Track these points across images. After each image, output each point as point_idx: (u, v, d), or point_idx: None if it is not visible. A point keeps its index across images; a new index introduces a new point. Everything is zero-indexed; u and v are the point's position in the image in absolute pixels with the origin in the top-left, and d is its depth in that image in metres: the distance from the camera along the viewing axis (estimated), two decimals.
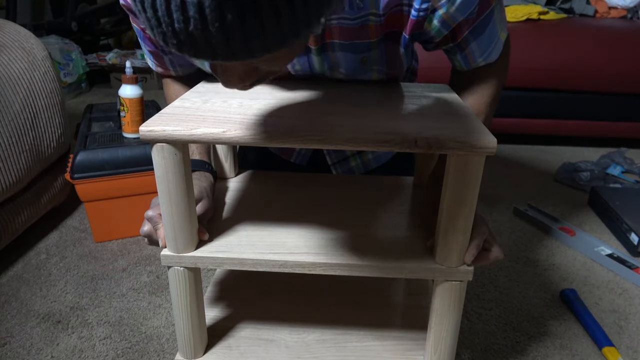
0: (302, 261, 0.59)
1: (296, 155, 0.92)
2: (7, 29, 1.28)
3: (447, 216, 0.56)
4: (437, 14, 0.63)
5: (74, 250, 1.31)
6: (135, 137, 1.33)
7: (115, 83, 2.89)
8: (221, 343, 0.71)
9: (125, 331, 1.02)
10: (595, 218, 1.55)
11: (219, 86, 0.72)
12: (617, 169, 1.83)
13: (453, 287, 0.59)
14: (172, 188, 0.55)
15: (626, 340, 1.03)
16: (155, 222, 0.61)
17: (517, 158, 2.03)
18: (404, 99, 0.67)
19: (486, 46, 0.69)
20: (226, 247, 0.62)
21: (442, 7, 0.62)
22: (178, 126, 0.52)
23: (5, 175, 1.13)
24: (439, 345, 0.63)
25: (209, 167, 0.73)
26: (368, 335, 0.73)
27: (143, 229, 0.63)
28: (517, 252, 1.34)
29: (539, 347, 1.00)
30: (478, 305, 1.12)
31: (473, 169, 0.52)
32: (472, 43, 0.68)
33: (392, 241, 0.64)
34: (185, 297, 0.62)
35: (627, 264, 1.26)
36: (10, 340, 0.99)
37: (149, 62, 0.80)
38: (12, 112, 1.16)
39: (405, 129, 0.53)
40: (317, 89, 0.71)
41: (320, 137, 0.52)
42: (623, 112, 2.03)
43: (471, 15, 0.64)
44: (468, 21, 0.65)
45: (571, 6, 2.33)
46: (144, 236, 0.63)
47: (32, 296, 1.12)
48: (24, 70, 1.22)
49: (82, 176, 1.25)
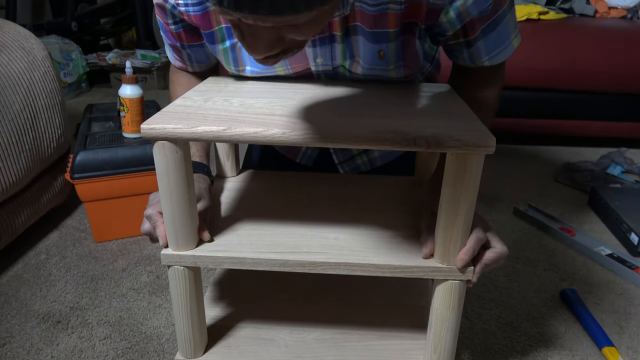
0: (302, 260, 0.59)
1: (302, 155, 0.92)
2: (7, 29, 1.28)
3: (447, 215, 0.56)
4: (455, 5, 0.63)
5: (74, 250, 1.31)
6: (135, 137, 1.33)
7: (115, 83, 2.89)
8: (221, 343, 0.71)
9: (125, 331, 1.02)
10: (595, 218, 1.55)
11: (220, 85, 0.72)
12: (617, 169, 1.83)
13: (453, 286, 0.59)
14: (173, 186, 0.55)
15: (626, 340, 1.03)
16: (154, 220, 0.61)
17: (517, 158, 2.03)
18: (404, 97, 0.67)
19: (494, 46, 0.69)
20: (226, 246, 0.62)
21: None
22: (179, 124, 0.52)
23: (5, 175, 1.13)
24: (439, 345, 0.63)
25: (207, 170, 0.74)
26: (368, 335, 0.73)
27: (143, 227, 0.63)
28: (517, 252, 1.34)
29: (539, 347, 1.00)
30: (478, 305, 1.12)
31: (472, 168, 0.52)
32: (480, 41, 0.68)
33: (392, 241, 0.64)
34: (185, 296, 0.62)
35: (627, 264, 1.26)
36: (10, 340, 0.99)
37: (168, 54, 0.82)
38: (12, 112, 1.16)
39: (405, 128, 0.53)
40: (317, 88, 0.71)
41: (319, 136, 0.52)
42: (623, 112, 2.03)
43: (485, 11, 0.64)
44: (482, 18, 0.65)
45: (571, 6, 2.34)
46: (145, 234, 0.64)
47: (32, 296, 1.12)
48: (24, 70, 1.22)
49: (82, 176, 1.25)
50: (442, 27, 0.67)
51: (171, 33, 0.74)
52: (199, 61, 0.80)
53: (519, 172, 1.89)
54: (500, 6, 0.65)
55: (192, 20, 0.70)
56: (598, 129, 2.07)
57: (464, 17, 0.65)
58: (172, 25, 0.73)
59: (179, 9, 0.69)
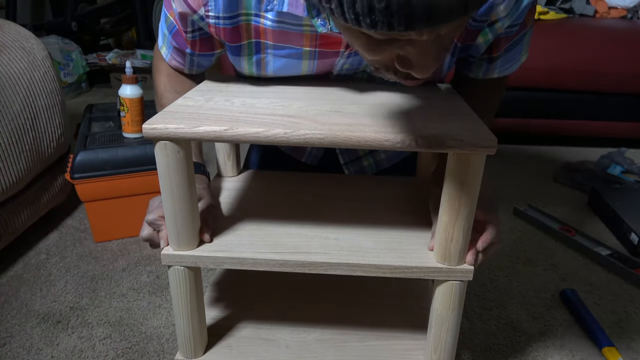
0: (302, 261, 0.59)
1: (307, 155, 0.92)
2: (7, 29, 1.28)
3: (447, 216, 0.56)
4: (493, 27, 0.63)
5: (74, 250, 1.31)
6: (135, 137, 1.33)
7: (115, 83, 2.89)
8: (221, 343, 0.71)
9: (125, 331, 1.02)
10: (595, 218, 1.55)
11: (221, 85, 0.72)
12: (617, 169, 1.83)
13: (453, 287, 0.59)
14: (175, 186, 0.55)
15: (626, 340, 1.03)
16: (159, 224, 0.61)
17: (517, 158, 2.03)
18: (406, 97, 0.67)
19: (508, 62, 0.71)
20: (226, 246, 0.62)
21: (499, 20, 0.62)
22: (181, 124, 0.52)
23: (5, 175, 1.13)
24: (439, 345, 0.63)
25: (204, 169, 0.74)
26: (368, 335, 0.73)
27: (143, 233, 0.63)
28: (517, 252, 1.34)
29: (539, 347, 1.00)
30: (478, 305, 1.12)
31: (473, 168, 0.52)
32: (501, 58, 0.69)
33: (392, 241, 0.64)
34: (185, 296, 0.62)
35: (627, 264, 1.26)
36: (10, 340, 0.99)
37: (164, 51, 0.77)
38: (12, 112, 1.16)
39: (406, 128, 0.53)
40: (319, 88, 0.71)
41: (319, 136, 0.52)
42: (623, 112, 2.03)
43: (512, 32, 0.65)
44: (508, 38, 0.66)
45: (571, 6, 2.34)
46: (145, 240, 0.63)
47: (32, 296, 1.12)
48: (24, 70, 1.22)
49: (82, 176, 1.25)
50: (477, 48, 0.68)
51: (185, 40, 0.71)
52: (200, 66, 0.78)
53: (519, 172, 1.89)
54: (526, 26, 0.66)
55: (219, 33, 0.67)
56: (598, 129, 2.07)
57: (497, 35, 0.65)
58: (189, 34, 0.70)
59: (207, 21, 0.66)
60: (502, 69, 0.72)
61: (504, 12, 0.61)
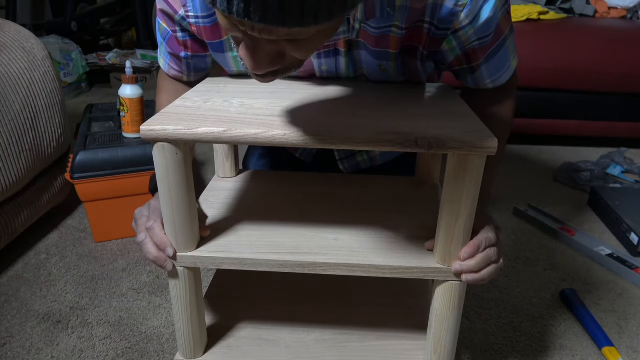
0: (302, 261, 0.59)
1: (302, 150, 0.93)
2: (7, 29, 1.28)
3: (447, 216, 0.56)
4: (457, 35, 0.65)
5: (74, 250, 1.31)
6: (135, 137, 1.33)
7: (115, 83, 2.89)
8: (221, 343, 0.71)
9: (125, 331, 1.02)
10: (595, 218, 1.55)
11: (220, 86, 0.72)
12: (617, 169, 1.83)
13: (453, 287, 0.59)
14: (173, 187, 0.55)
15: (626, 340, 1.03)
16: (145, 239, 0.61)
17: (517, 158, 2.03)
18: (405, 98, 0.67)
19: (495, 70, 0.71)
20: (226, 247, 0.62)
21: (462, 29, 0.63)
22: (179, 125, 0.52)
23: (5, 175, 1.13)
24: (439, 345, 0.63)
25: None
26: (368, 335, 0.73)
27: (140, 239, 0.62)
28: (517, 252, 1.34)
29: (539, 347, 1.00)
30: (478, 305, 1.12)
31: (474, 169, 0.52)
32: (483, 67, 0.70)
33: (392, 241, 0.64)
34: (185, 297, 0.62)
35: (627, 264, 1.26)
36: (10, 340, 0.99)
37: (162, 63, 0.80)
38: (12, 112, 1.16)
39: (407, 129, 0.53)
40: (318, 88, 0.71)
41: (319, 137, 0.52)
42: (623, 112, 2.03)
43: (486, 41, 0.66)
44: (484, 47, 0.67)
45: (571, 6, 2.34)
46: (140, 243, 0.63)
47: (32, 296, 1.12)
48: (24, 70, 1.22)
49: (82, 176, 1.25)
50: (444, 55, 0.69)
51: (177, 41, 0.73)
52: (197, 70, 0.79)
53: (519, 172, 1.89)
54: (501, 34, 0.67)
55: (200, 32, 0.70)
56: (598, 129, 2.07)
57: (465, 45, 0.66)
58: (179, 33, 0.72)
59: (188, 21, 0.69)
60: (493, 78, 0.72)
61: (467, 20, 0.62)
